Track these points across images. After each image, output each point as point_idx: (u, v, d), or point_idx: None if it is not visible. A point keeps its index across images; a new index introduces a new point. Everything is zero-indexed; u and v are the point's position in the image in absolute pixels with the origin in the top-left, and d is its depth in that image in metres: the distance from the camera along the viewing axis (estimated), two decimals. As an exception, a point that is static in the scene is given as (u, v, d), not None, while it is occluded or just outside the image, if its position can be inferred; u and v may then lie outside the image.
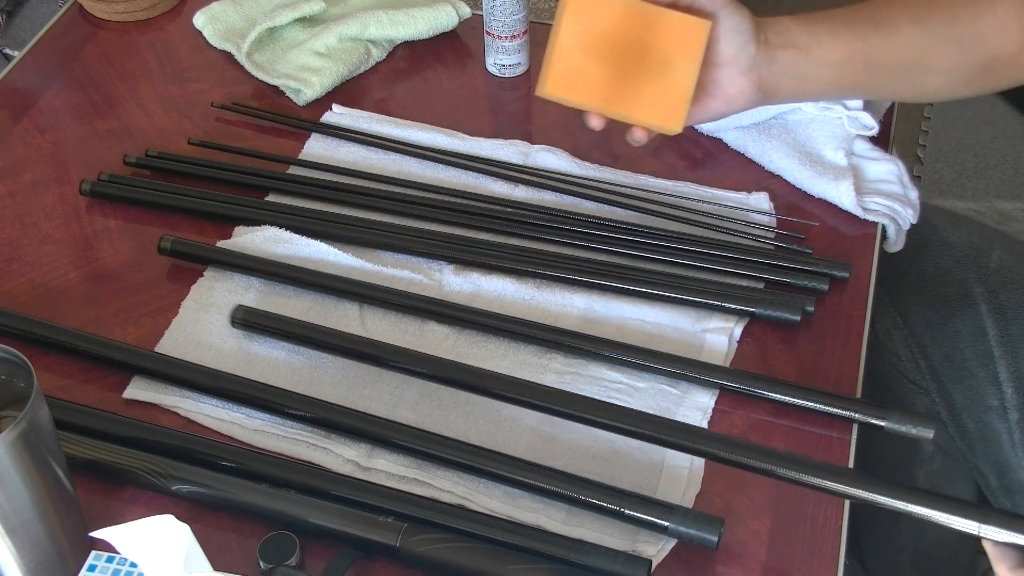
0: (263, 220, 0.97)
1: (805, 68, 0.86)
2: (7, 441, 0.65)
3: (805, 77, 0.87)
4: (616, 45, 0.83)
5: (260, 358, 0.88)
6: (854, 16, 0.87)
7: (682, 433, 0.77)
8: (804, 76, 0.87)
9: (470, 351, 0.88)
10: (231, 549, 0.77)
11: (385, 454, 0.82)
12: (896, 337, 1.03)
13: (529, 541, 0.74)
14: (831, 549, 0.76)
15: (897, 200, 0.96)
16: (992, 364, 0.99)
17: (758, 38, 0.85)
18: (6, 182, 1.05)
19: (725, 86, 0.86)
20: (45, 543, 0.72)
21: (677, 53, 0.83)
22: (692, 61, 0.83)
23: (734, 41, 0.84)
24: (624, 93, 0.84)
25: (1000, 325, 0.99)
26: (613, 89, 0.84)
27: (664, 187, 1.00)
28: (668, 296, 0.90)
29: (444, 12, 1.15)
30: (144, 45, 1.19)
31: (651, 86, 0.84)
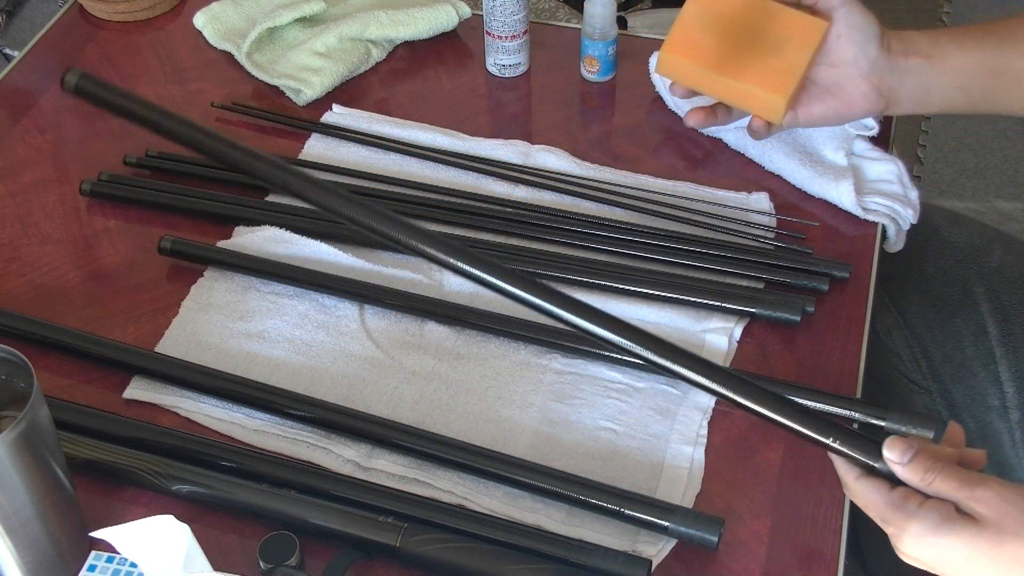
0: (263, 220, 0.97)
1: (929, 76, 0.89)
2: (7, 441, 0.65)
3: (929, 85, 0.89)
4: (734, 27, 0.90)
5: (260, 358, 0.88)
6: (981, 30, 0.89)
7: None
8: (928, 84, 0.89)
9: (470, 351, 0.88)
10: (231, 549, 0.77)
11: (385, 454, 0.82)
12: (897, 337, 1.03)
13: (529, 541, 0.74)
14: (831, 549, 0.76)
15: (897, 200, 0.96)
16: (993, 364, 0.99)
17: (881, 43, 0.87)
18: (6, 182, 1.05)
19: (847, 87, 0.89)
20: (45, 543, 0.72)
21: (791, 43, 0.88)
22: (805, 51, 0.87)
23: (855, 40, 0.87)
24: (735, 64, 0.89)
25: (1001, 325, 0.99)
26: (725, 59, 0.90)
27: (664, 187, 1.00)
28: (668, 296, 0.90)
29: (444, 12, 1.15)
30: (144, 45, 1.19)
31: (762, 63, 0.89)
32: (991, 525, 0.62)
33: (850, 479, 0.68)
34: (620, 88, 1.11)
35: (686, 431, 0.82)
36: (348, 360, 0.88)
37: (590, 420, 0.84)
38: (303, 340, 0.89)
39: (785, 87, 0.88)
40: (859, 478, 0.67)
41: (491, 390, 0.86)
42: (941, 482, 0.64)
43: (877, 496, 0.66)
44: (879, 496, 0.66)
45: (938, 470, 0.64)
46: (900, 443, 0.65)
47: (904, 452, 0.65)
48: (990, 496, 0.62)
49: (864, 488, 0.67)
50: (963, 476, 0.63)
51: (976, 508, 0.62)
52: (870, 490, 0.66)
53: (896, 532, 0.65)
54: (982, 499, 0.62)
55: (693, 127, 0.96)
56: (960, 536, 0.62)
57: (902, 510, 0.64)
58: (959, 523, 0.62)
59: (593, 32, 1.08)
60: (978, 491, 0.62)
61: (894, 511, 0.65)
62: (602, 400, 0.85)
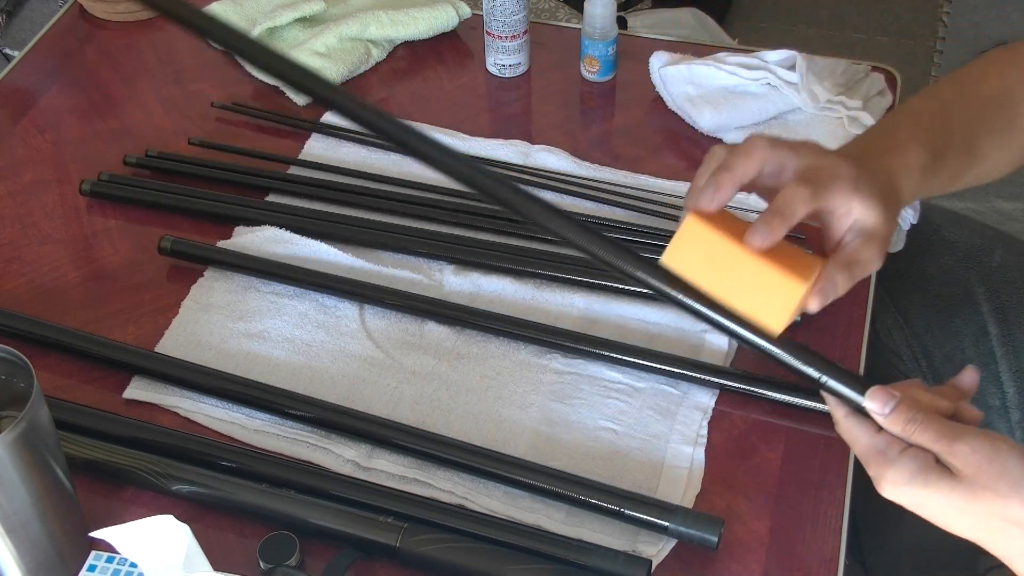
0: (263, 220, 0.97)
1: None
2: (7, 441, 0.65)
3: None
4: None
5: (260, 358, 0.88)
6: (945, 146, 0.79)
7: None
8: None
9: (470, 351, 0.88)
10: (231, 549, 0.77)
11: (385, 454, 0.82)
12: (897, 337, 1.03)
13: (529, 541, 0.74)
14: (831, 549, 0.76)
15: (897, 200, 0.96)
16: (993, 364, 0.99)
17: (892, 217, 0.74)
18: (6, 182, 1.05)
19: None
20: (45, 543, 0.72)
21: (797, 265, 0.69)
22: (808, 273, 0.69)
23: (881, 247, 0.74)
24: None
25: (1001, 325, 1.00)
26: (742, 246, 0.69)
27: (664, 187, 1.00)
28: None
29: (444, 12, 1.15)
30: (144, 45, 1.19)
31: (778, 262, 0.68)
32: (966, 479, 0.62)
33: (839, 415, 0.68)
34: (620, 88, 1.11)
35: (686, 431, 0.82)
36: (348, 360, 0.88)
37: (590, 420, 0.83)
38: (303, 340, 0.89)
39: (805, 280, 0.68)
40: (848, 415, 0.67)
41: (491, 390, 0.86)
42: (921, 434, 0.64)
43: (863, 437, 0.66)
44: (865, 437, 0.66)
45: (919, 421, 0.64)
46: (881, 393, 0.66)
47: (885, 402, 0.65)
48: (967, 451, 0.62)
49: (851, 426, 0.67)
50: (943, 429, 0.64)
51: (952, 462, 0.63)
52: (857, 430, 0.67)
53: (875, 475, 0.66)
54: (958, 453, 0.62)
55: None
56: (936, 487, 0.63)
57: (883, 455, 0.65)
58: (935, 475, 0.63)
59: (593, 32, 1.08)
60: (955, 445, 0.63)
61: (875, 455, 0.65)
62: (602, 400, 0.85)
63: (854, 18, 2.31)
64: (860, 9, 2.33)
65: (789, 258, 0.69)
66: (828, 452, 0.81)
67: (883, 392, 0.66)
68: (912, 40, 2.23)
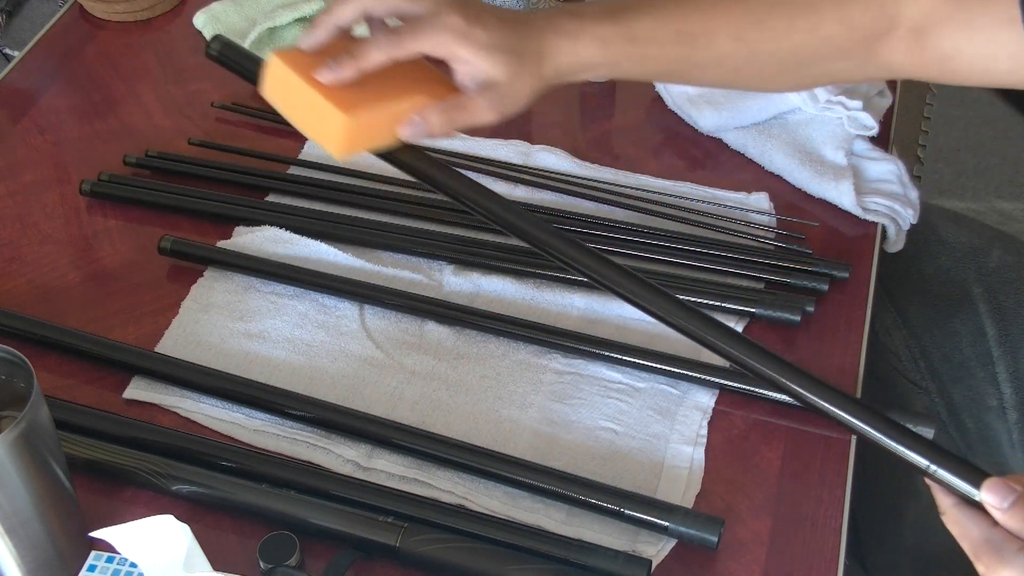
0: (263, 220, 0.97)
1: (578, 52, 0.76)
2: (7, 441, 0.65)
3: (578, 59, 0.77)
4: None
5: (260, 358, 0.88)
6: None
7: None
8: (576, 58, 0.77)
9: (470, 351, 0.88)
10: (231, 549, 0.77)
11: (385, 454, 0.82)
12: (896, 337, 1.03)
13: (529, 541, 0.74)
14: (831, 549, 0.76)
15: (897, 200, 0.96)
16: (991, 364, 0.99)
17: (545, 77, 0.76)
18: (6, 182, 1.05)
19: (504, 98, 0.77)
20: (45, 543, 0.72)
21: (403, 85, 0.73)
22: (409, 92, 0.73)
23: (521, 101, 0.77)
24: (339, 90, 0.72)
25: (999, 325, 0.99)
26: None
27: (664, 187, 1.00)
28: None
29: (444, 12, 1.14)
30: (144, 45, 1.19)
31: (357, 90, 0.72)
32: None
33: (947, 505, 0.64)
34: (620, 88, 1.11)
35: (686, 431, 0.82)
36: (348, 360, 0.88)
37: (590, 420, 0.84)
38: (303, 340, 0.89)
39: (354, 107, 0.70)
40: (958, 505, 0.64)
41: (491, 390, 0.86)
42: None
43: (975, 530, 0.62)
44: (977, 531, 0.62)
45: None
46: (1001, 486, 0.62)
47: (1005, 496, 0.61)
48: None
49: (962, 518, 0.63)
50: None
51: None
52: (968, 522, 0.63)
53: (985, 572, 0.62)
54: None
55: None
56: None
57: (998, 553, 0.61)
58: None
59: (593, 32, 1.07)
60: None
61: (989, 550, 0.61)
62: (602, 400, 0.85)
63: (854, 18, 2.31)
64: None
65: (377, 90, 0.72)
66: (828, 452, 0.81)
67: (1002, 485, 0.62)
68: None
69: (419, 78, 0.75)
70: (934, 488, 0.65)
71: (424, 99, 0.73)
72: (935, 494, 0.65)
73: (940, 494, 0.65)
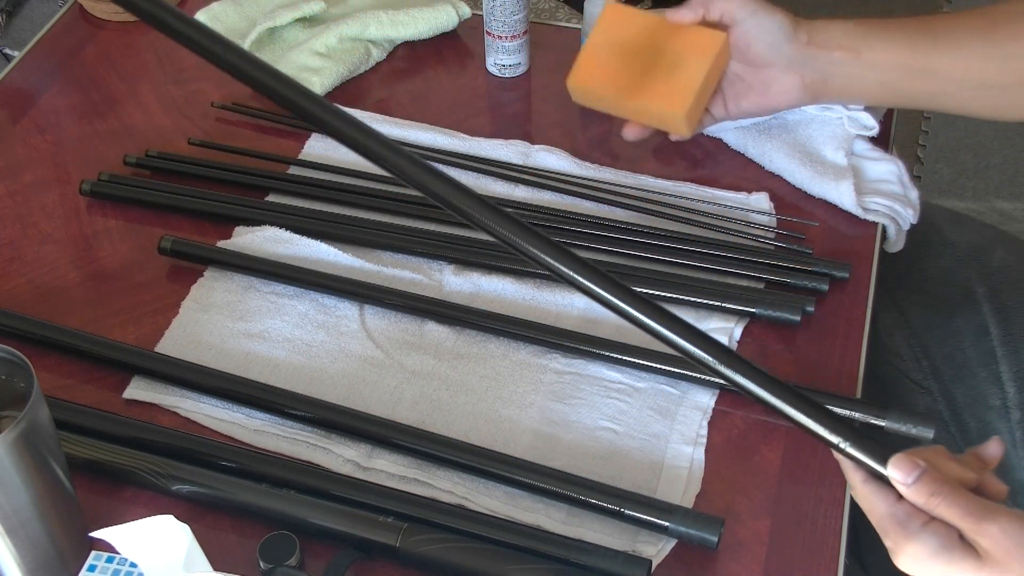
0: (263, 220, 0.97)
1: (854, 70, 0.90)
2: (7, 441, 0.65)
3: (854, 78, 0.91)
4: (635, 50, 0.94)
5: (260, 358, 0.88)
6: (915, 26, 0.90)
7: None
8: (853, 77, 0.91)
9: (470, 351, 0.88)
10: (231, 549, 0.77)
11: (385, 454, 0.82)
12: (898, 337, 1.02)
13: (529, 541, 0.74)
14: (831, 549, 0.76)
15: (897, 200, 0.96)
16: (994, 363, 0.99)
17: (796, 38, 0.90)
18: (6, 182, 1.05)
19: (770, 83, 0.93)
20: (45, 543, 0.72)
21: (689, 58, 0.92)
22: (703, 61, 0.92)
23: (766, 41, 0.90)
24: (638, 84, 0.93)
25: (1002, 325, 0.99)
26: (628, 80, 0.94)
27: (664, 187, 1.00)
28: (668, 296, 0.90)
29: (444, 12, 1.15)
30: (144, 45, 1.19)
31: (662, 81, 0.93)
32: (993, 562, 0.59)
33: (856, 481, 0.66)
34: (620, 88, 1.11)
35: (686, 431, 0.82)
36: (348, 360, 0.88)
37: (590, 420, 0.83)
38: (303, 340, 0.89)
39: (684, 102, 0.92)
40: (866, 481, 0.65)
41: (491, 390, 0.86)
42: (946, 508, 0.61)
43: (881, 505, 0.64)
44: (883, 506, 0.64)
45: (944, 495, 0.61)
46: (906, 462, 0.63)
47: (909, 472, 0.62)
48: (997, 532, 0.59)
49: (869, 493, 0.65)
50: (971, 505, 0.61)
51: (979, 541, 0.60)
52: (875, 497, 0.64)
53: (892, 547, 0.63)
54: (988, 533, 0.59)
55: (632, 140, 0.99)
56: (959, 566, 0.60)
57: (903, 527, 0.62)
58: (959, 553, 0.60)
59: (593, 32, 1.08)
60: (984, 524, 0.60)
61: (895, 526, 0.63)
62: (602, 400, 0.85)
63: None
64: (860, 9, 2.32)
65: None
66: (828, 452, 0.81)
67: (907, 461, 0.63)
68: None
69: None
70: (844, 464, 0.66)
71: None
72: (845, 470, 0.66)
73: (850, 470, 0.66)
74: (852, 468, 0.66)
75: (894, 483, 0.63)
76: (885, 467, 0.64)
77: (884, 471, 0.64)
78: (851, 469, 0.66)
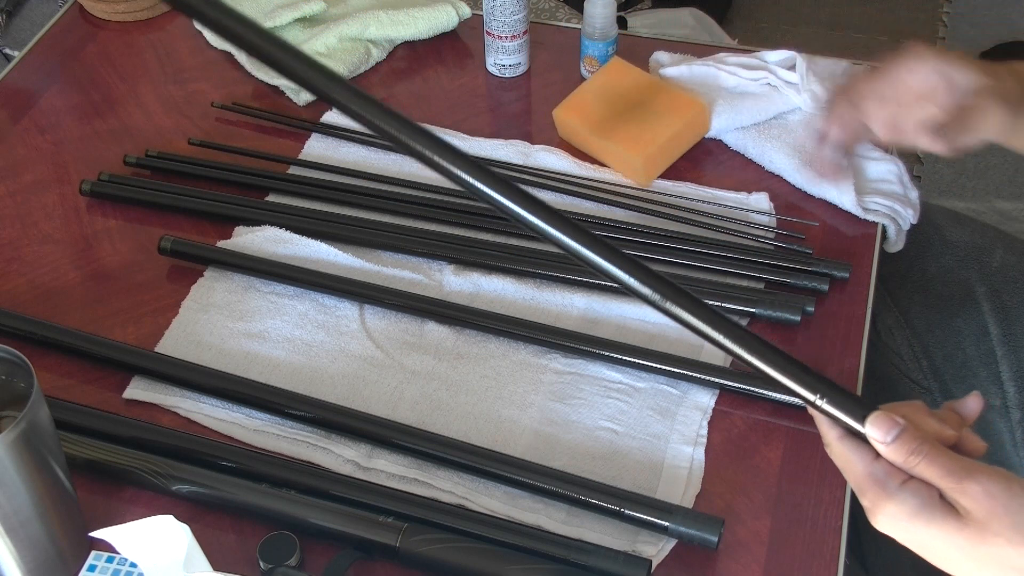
0: (263, 220, 0.97)
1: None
2: (7, 441, 0.65)
3: None
4: (623, 99, 1.01)
5: (260, 358, 0.88)
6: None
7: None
8: None
9: (470, 351, 0.88)
10: (231, 549, 0.77)
11: (385, 454, 0.82)
12: (898, 336, 1.03)
13: (529, 541, 0.74)
14: (831, 549, 0.76)
15: (897, 200, 0.96)
16: (994, 363, 0.99)
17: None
18: (6, 182, 1.05)
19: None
20: (45, 543, 0.72)
21: (666, 115, 0.99)
22: (676, 121, 0.99)
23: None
24: (610, 129, 1.00)
25: (1003, 324, 0.99)
26: (604, 125, 1.00)
27: (664, 187, 1.00)
28: (668, 296, 0.89)
29: (444, 12, 1.15)
30: (144, 45, 1.19)
31: (633, 130, 0.99)
32: (974, 522, 0.58)
33: (832, 437, 0.63)
34: (620, 88, 1.11)
35: (686, 431, 0.82)
36: (348, 360, 0.88)
37: (590, 420, 0.83)
38: (303, 340, 0.89)
39: (645, 149, 0.97)
40: (842, 438, 0.62)
41: (491, 390, 0.86)
42: (926, 467, 0.60)
43: (858, 463, 0.61)
44: (860, 464, 0.61)
45: (923, 453, 0.60)
46: (885, 420, 0.60)
47: (888, 431, 0.60)
48: (978, 491, 0.58)
49: (846, 451, 0.62)
50: (951, 464, 0.59)
51: (961, 501, 0.59)
52: (852, 455, 0.62)
53: (869, 507, 0.61)
54: (968, 493, 0.58)
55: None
56: (940, 527, 0.59)
57: (882, 486, 0.60)
58: (939, 513, 0.59)
59: (593, 32, 1.08)
60: (966, 483, 0.58)
61: (873, 484, 0.61)
62: (602, 400, 0.85)
63: (854, 18, 2.31)
64: (860, 9, 2.32)
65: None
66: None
67: (886, 418, 0.61)
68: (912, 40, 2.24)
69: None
70: (819, 420, 0.64)
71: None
72: (820, 426, 0.64)
73: (825, 426, 0.63)
74: (827, 424, 0.63)
75: (872, 441, 0.61)
76: (863, 424, 0.62)
77: (862, 429, 0.62)
78: (826, 425, 0.63)
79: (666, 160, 1.00)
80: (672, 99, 1.00)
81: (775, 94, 1.01)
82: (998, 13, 2.28)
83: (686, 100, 1.00)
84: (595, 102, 1.02)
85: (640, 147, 0.98)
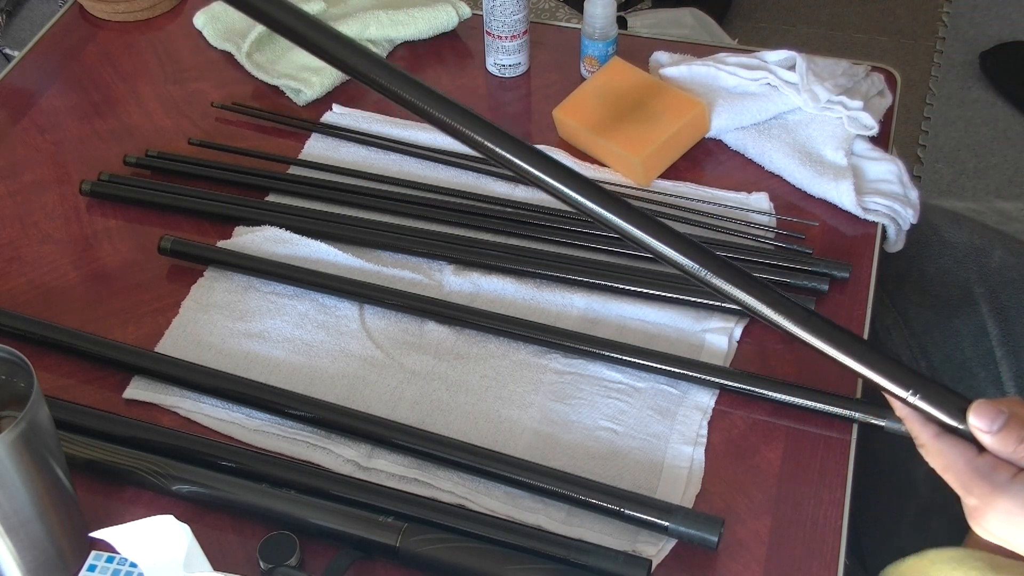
0: (263, 220, 0.97)
1: None
2: (7, 441, 0.65)
3: None
4: (622, 99, 1.01)
5: (260, 358, 0.88)
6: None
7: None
8: None
9: (470, 351, 0.88)
10: (231, 549, 0.77)
11: (385, 454, 0.82)
12: (897, 337, 1.03)
13: (529, 541, 0.74)
14: (831, 549, 0.76)
15: (897, 200, 0.96)
16: (993, 364, 0.99)
17: None
18: (6, 182, 1.05)
19: None
20: (45, 543, 0.72)
21: (665, 115, 0.99)
22: (675, 121, 0.99)
23: None
24: (610, 129, 1.00)
25: (1002, 325, 0.99)
26: (603, 124, 1.00)
27: (664, 187, 1.00)
28: (668, 296, 0.90)
29: (444, 12, 1.15)
30: (144, 45, 1.19)
31: (633, 130, 0.99)
32: None
33: (927, 436, 0.59)
34: (620, 88, 1.11)
35: (686, 431, 0.82)
36: (348, 360, 0.88)
37: (590, 420, 0.84)
38: (303, 340, 0.89)
39: (644, 149, 0.98)
40: (939, 436, 0.59)
41: (491, 390, 0.86)
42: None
43: (961, 460, 0.57)
44: (963, 461, 0.57)
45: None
46: (989, 408, 0.57)
47: (994, 419, 0.56)
48: None
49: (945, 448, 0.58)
50: None
51: None
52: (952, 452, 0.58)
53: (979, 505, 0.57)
54: None
55: None
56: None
57: (989, 481, 0.56)
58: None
59: (593, 32, 1.08)
60: None
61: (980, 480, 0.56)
62: (602, 400, 0.85)
63: (854, 18, 2.31)
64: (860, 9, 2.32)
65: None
66: (828, 452, 0.81)
67: (990, 407, 0.57)
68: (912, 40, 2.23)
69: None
70: (911, 420, 0.60)
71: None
72: (911, 426, 0.61)
73: (918, 425, 0.60)
74: (921, 423, 0.59)
75: (975, 432, 0.57)
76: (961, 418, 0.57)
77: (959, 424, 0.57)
78: (919, 424, 0.59)
79: (666, 160, 1.01)
80: (672, 99, 1.01)
81: (775, 94, 1.01)
82: (998, 13, 2.28)
83: (686, 100, 1.00)
84: (595, 102, 1.02)
85: (640, 147, 0.98)
